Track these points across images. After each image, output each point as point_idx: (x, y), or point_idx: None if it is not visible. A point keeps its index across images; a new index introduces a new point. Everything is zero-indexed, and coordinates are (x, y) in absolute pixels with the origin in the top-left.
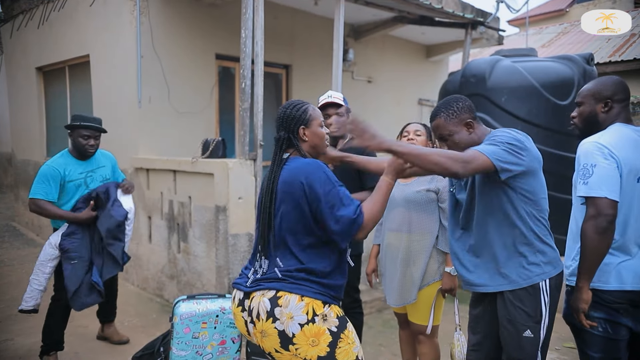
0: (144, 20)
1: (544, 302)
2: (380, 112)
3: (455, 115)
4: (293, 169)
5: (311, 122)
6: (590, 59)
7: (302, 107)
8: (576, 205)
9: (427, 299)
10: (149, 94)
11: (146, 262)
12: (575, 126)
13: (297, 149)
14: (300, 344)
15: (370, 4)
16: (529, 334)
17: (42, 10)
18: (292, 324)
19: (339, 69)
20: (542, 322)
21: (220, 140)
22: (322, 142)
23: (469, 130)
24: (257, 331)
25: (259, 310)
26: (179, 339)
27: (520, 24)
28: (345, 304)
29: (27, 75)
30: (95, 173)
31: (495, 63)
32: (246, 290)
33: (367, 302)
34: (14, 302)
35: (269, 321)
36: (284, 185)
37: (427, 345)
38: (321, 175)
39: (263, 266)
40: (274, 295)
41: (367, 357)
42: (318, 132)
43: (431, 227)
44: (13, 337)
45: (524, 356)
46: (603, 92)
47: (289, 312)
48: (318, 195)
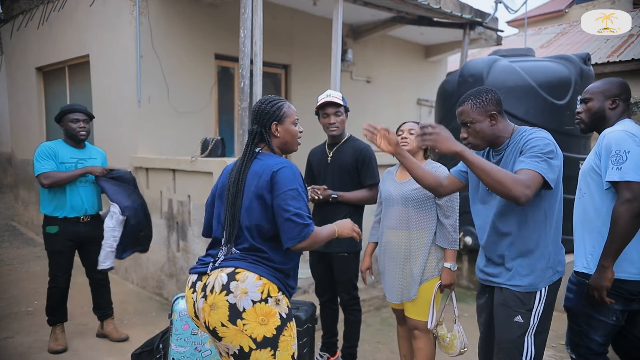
0: (144, 20)
1: (539, 293)
2: (379, 112)
3: (482, 105)
4: (265, 163)
5: (284, 119)
6: (587, 58)
7: (278, 104)
8: (593, 193)
9: (425, 295)
10: (148, 93)
11: (145, 261)
12: (580, 121)
13: (267, 144)
14: (249, 320)
15: (369, 4)
16: (519, 320)
17: (42, 11)
18: (245, 299)
19: (338, 68)
20: (535, 310)
21: (220, 139)
22: (294, 139)
23: (492, 122)
24: (206, 305)
25: (215, 284)
26: (178, 336)
27: (519, 25)
28: (343, 300)
29: (27, 76)
30: (86, 162)
31: (492, 63)
32: (200, 272)
33: (365, 300)
34: (13, 301)
35: (222, 294)
36: (253, 178)
37: (422, 341)
38: (290, 174)
39: (225, 253)
40: (232, 271)
41: (365, 354)
42: (290, 130)
43: (429, 224)
44: (13, 334)
45: (511, 339)
46: (612, 91)
47: (244, 287)
48: (281, 187)
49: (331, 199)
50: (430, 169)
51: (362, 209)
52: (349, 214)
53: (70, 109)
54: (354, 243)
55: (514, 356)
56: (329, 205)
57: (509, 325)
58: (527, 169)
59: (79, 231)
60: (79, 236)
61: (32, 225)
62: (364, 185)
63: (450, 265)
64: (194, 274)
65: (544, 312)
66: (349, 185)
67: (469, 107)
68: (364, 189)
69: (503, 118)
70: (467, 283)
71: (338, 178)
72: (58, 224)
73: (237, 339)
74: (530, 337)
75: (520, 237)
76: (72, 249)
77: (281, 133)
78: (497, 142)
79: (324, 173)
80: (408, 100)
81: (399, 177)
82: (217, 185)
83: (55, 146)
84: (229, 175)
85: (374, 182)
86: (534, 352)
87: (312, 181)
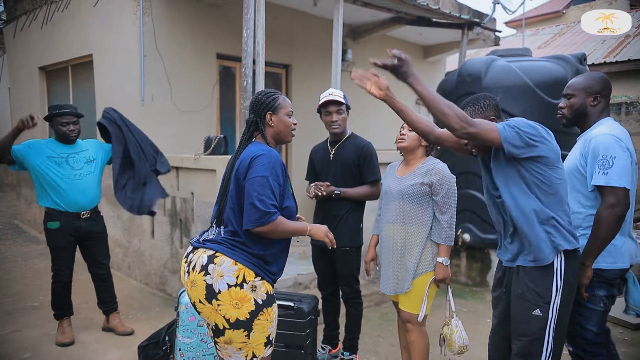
0: (147, 20)
1: (555, 284)
2: (378, 111)
3: (480, 111)
4: (250, 150)
5: (279, 110)
6: (583, 58)
7: (273, 96)
8: (576, 192)
9: (418, 288)
10: (151, 92)
11: (149, 258)
12: (562, 116)
13: (261, 133)
14: (223, 302)
15: (369, 4)
16: (538, 313)
17: (45, 11)
18: (221, 281)
19: (338, 68)
20: (553, 302)
21: (222, 137)
22: (287, 130)
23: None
24: (189, 281)
25: (196, 263)
26: (185, 327)
27: (517, 26)
28: (345, 294)
29: (29, 75)
30: (77, 155)
31: (490, 63)
32: (194, 245)
33: (365, 295)
34: (19, 296)
35: (201, 273)
36: (238, 164)
37: (415, 333)
38: (266, 162)
39: (214, 233)
40: (212, 254)
41: (366, 347)
42: (284, 120)
43: (425, 219)
44: (21, 328)
45: (531, 332)
46: (594, 87)
47: (220, 270)
48: (253, 173)
49: (334, 195)
50: (429, 165)
51: (363, 205)
52: (351, 209)
53: (59, 112)
54: (356, 238)
55: (534, 350)
56: (331, 201)
57: (528, 318)
58: (487, 121)
59: (79, 226)
60: (80, 231)
61: (34, 224)
62: (365, 182)
63: (443, 260)
64: (191, 245)
65: (563, 304)
66: (350, 182)
67: (467, 113)
68: (365, 185)
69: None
70: (465, 279)
71: (340, 175)
72: (59, 220)
73: (213, 317)
74: (551, 330)
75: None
76: (74, 244)
77: (275, 123)
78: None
79: (327, 170)
80: (407, 100)
81: (399, 173)
82: None
83: (45, 141)
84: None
85: (375, 178)
86: (554, 346)
87: (314, 178)
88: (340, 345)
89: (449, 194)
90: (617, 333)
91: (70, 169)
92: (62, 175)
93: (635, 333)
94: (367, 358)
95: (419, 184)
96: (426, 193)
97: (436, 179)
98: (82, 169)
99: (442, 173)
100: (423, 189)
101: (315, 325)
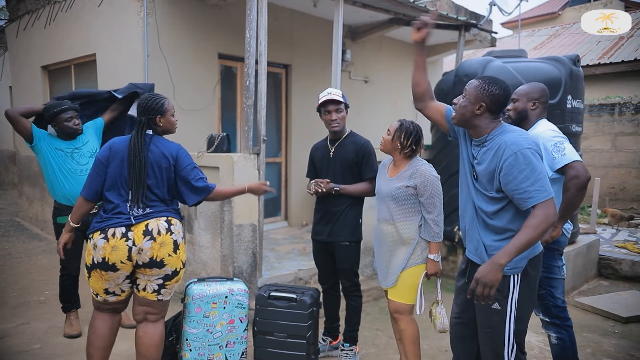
0: (150, 21)
1: (513, 279)
2: (376, 111)
3: (481, 90)
4: (165, 145)
5: (166, 113)
6: (577, 60)
7: (161, 101)
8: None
9: (408, 279)
10: (154, 91)
11: None
12: (508, 117)
13: (153, 130)
14: (181, 250)
15: (367, 6)
16: (497, 307)
17: (48, 11)
18: (179, 236)
19: (338, 68)
20: (511, 297)
21: (225, 135)
22: (172, 126)
23: (477, 110)
24: (156, 244)
25: (160, 229)
26: (191, 318)
27: (513, 27)
28: (345, 287)
29: (32, 74)
30: (81, 150)
31: (487, 63)
32: (135, 223)
33: (364, 290)
34: (25, 291)
35: (168, 234)
36: (156, 157)
37: (404, 322)
38: (187, 154)
39: (139, 211)
40: (166, 219)
41: (365, 340)
42: (170, 120)
43: (413, 218)
44: (28, 321)
45: (491, 325)
46: (533, 94)
47: (177, 228)
48: (184, 164)
49: (334, 192)
50: (413, 168)
51: (362, 201)
52: (350, 205)
53: (62, 109)
54: (356, 233)
55: (497, 339)
56: (331, 197)
57: (488, 312)
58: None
59: (87, 221)
60: (88, 226)
61: (36, 221)
62: (364, 179)
63: (434, 257)
64: (119, 226)
65: (522, 298)
66: (349, 179)
67: (475, 83)
68: (364, 182)
69: (490, 116)
70: None
71: (340, 172)
72: (69, 214)
73: (175, 263)
74: (511, 323)
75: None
76: (82, 238)
77: (163, 123)
78: (475, 131)
79: (327, 167)
80: (404, 100)
81: (389, 173)
82: (108, 159)
83: (48, 134)
84: (128, 152)
85: (373, 175)
86: (515, 337)
87: (315, 175)
88: (341, 337)
89: (433, 194)
90: (607, 326)
91: (76, 165)
92: (68, 171)
93: (625, 326)
94: (366, 350)
95: (405, 187)
96: (412, 194)
97: (420, 181)
98: (87, 164)
99: (425, 175)
100: (409, 191)
101: (317, 317)
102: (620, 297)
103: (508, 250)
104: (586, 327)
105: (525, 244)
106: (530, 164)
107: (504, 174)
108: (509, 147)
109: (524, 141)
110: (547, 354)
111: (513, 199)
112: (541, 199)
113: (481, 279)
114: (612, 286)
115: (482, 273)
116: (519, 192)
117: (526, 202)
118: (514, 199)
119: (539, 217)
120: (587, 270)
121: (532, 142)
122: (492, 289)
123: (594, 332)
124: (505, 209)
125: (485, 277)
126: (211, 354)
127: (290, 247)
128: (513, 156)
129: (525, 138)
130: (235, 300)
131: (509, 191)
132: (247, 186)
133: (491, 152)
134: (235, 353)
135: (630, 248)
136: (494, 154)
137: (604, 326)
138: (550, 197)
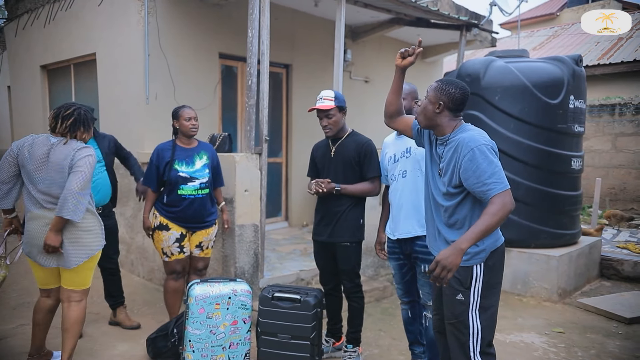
0: (151, 20)
1: (475, 271)
2: (376, 111)
3: (440, 91)
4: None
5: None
6: (579, 60)
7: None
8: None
9: None
10: (155, 91)
11: (152, 254)
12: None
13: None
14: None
15: (369, 5)
16: (460, 297)
17: (48, 10)
18: None
19: (340, 68)
20: (473, 288)
21: (227, 135)
22: (188, 130)
23: (436, 109)
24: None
25: None
26: (194, 319)
27: (512, 27)
28: (346, 288)
29: (31, 74)
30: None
31: (489, 63)
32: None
33: (366, 291)
34: (25, 291)
35: None
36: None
37: None
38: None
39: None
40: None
41: (368, 341)
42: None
43: None
44: (28, 322)
45: (455, 315)
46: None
47: None
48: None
49: (335, 192)
50: None
51: (363, 201)
52: (351, 205)
53: None
54: (357, 233)
55: (462, 329)
56: (332, 197)
57: (453, 303)
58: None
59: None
60: None
61: None
62: (366, 178)
63: None
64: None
65: (485, 288)
66: (351, 179)
67: (435, 85)
68: (365, 181)
69: (450, 115)
70: None
71: (341, 171)
72: None
73: None
74: (475, 313)
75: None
76: None
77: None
78: (438, 130)
79: (328, 167)
80: None
81: None
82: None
83: None
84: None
85: (375, 175)
86: (480, 327)
87: (316, 175)
88: (344, 338)
89: None
90: (611, 327)
91: None
92: None
93: (629, 327)
94: (369, 351)
95: None
96: None
97: None
98: (100, 166)
99: None
100: None
101: (320, 318)
102: (623, 297)
103: (468, 236)
104: (590, 328)
105: (484, 230)
106: (486, 158)
107: (464, 170)
108: (466, 144)
109: (481, 138)
110: (551, 354)
111: (474, 193)
112: (499, 190)
113: (441, 261)
114: (614, 287)
115: (443, 256)
116: (478, 185)
117: (486, 194)
118: (475, 192)
119: (496, 204)
120: (589, 270)
121: (489, 139)
122: (449, 272)
123: (597, 333)
124: (462, 203)
125: (445, 259)
126: (214, 355)
127: (291, 247)
128: (470, 152)
129: (482, 135)
130: (238, 301)
131: (470, 186)
132: None
133: (452, 149)
134: (238, 354)
135: (632, 249)
136: (454, 151)
137: (607, 327)
138: (507, 188)
